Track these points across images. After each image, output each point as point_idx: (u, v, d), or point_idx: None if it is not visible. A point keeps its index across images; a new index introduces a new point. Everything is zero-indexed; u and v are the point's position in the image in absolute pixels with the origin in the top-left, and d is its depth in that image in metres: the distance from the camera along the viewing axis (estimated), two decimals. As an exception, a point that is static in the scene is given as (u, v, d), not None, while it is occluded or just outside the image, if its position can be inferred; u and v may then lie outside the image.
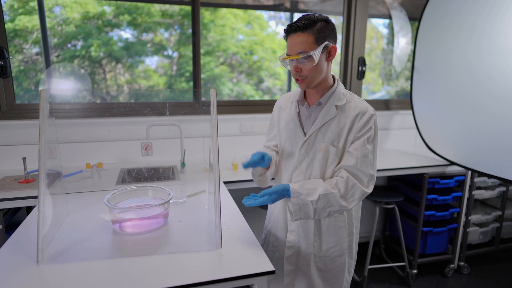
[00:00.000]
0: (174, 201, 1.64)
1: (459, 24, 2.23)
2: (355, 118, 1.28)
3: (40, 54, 2.56)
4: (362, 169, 1.26)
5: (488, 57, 2.04)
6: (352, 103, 1.31)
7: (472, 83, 2.16)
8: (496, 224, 2.85)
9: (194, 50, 2.59)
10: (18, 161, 2.09)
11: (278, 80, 3.56)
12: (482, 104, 2.10)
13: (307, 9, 2.98)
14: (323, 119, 1.30)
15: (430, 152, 2.68)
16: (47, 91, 1.19)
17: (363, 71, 2.97)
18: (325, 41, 1.20)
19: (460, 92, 2.26)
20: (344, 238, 1.40)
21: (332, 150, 1.29)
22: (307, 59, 1.20)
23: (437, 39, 2.43)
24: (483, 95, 2.09)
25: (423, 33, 2.57)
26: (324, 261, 1.41)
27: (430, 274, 2.73)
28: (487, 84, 2.06)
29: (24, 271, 1.05)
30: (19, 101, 2.33)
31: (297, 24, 1.19)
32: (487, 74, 2.05)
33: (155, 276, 1.04)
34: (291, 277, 1.44)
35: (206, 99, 2.74)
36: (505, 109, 1.95)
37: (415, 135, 3.18)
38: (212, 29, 3.07)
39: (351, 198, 1.25)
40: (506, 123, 1.96)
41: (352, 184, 1.24)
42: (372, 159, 1.29)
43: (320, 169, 1.32)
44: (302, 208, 1.24)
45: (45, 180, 1.13)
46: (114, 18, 2.75)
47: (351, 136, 1.28)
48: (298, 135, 1.36)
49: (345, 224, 1.39)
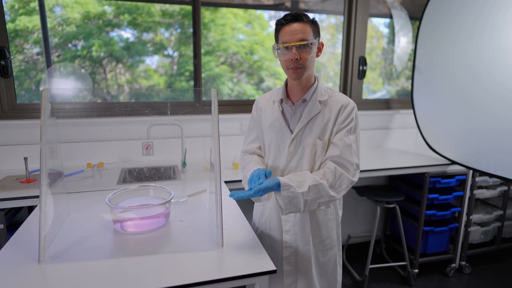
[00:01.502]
0: (175, 201, 1.64)
1: (460, 23, 2.23)
2: (338, 111, 1.33)
3: (40, 54, 2.56)
4: (347, 158, 1.30)
5: (489, 56, 2.04)
6: (334, 98, 1.36)
7: (473, 82, 2.16)
8: (497, 224, 2.85)
9: (195, 50, 2.59)
10: (20, 160, 2.09)
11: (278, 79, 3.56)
12: (483, 103, 2.10)
13: (308, 9, 2.98)
14: (308, 115, 1.33)
15: (431, 151, 2.68)
16: (49, 90, 1.19)
17: (364, 71, 2.97)
18: (318, 36, 1.29)
19: (461, 91, 2.26)
20: (333, 230, 1.45)
21: (319, 143, 1.33)
22: (308, 47, 1.24)
23: (438, 38, 2.42)
24: (484, 94, 2.08)
25: (424, 32, 2.56)
26: (318, 255, 1.44)
27: (431, 273, 2.73)
28: (487, 83, 2.06)
29: (26, 271, 1.05)
30: (20, 101, 2.33)
31: (298, 13, 1.24)
32: (487, 73, 2.05)
33: (157, 276, 1.04)
34: (292, 277, 1.44)
35: (207, 98, 2.74)
36: (506, 108, 1.95)
37: (416, 135, 3.18)
38: (212, 29, 3.07)
39: (339, 187, 1.28)
40: (506, 122, 1.96)
41: (339, 174, 1.27)
42: (356, 149, 1.34)
43: (309, 163, 1.34)
44: (292, 201, 1.23)
45: (47, 179, 1.13)
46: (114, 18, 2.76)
47: (335, 128, 1.33)
48: (285, 133, 1.37)
49: (333, 216, 1.44)
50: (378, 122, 3.08)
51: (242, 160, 1.51)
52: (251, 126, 1.53)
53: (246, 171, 1.41)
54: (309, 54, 1.25)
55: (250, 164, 1.41)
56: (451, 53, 2.31)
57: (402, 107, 3.16)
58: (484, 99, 2.09)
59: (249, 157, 1.49)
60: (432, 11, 2.49)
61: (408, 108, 3.13)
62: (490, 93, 2.04)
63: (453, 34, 2.30)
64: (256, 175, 1.27)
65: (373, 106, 3.07)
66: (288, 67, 1.28)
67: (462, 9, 2.21)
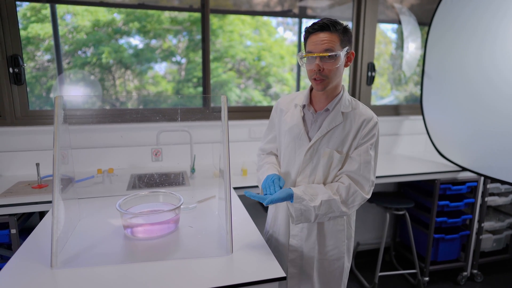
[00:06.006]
0: (185, 207, 1.64)
1: (472, 28, 2.22)
2: (360, 125, 1.30)
3: (51, 61, 2.61)
4: (364, 175, 1.28)
5: (503, 60, 2.02)
6: (357, 110, 1.32)
7: (486, 86, 2.14)
8: (510, 231, 2.80)
9: (204, 56, 2.61)
10: (31, 166, 2.12)
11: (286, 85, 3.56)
12: (497, 106, 2.07)
13: (316, 15, 2.99)
14: (329, 125, 1.30)
15: (441, 157, 2.65)
16: (62, 98, 1.21)
17: (372, 77, 2.96)
18: (347, 45, 1.23)
19: (473, 96, 2.23)
20: (342, 241, 1.42)
21: (336, 156, 1.30)
22: (333, 58, 1.20)
23: (449, 43, 2.41)
24: (498, 98, 2.06)
25: (434, 37, 2.55)
26: (324, 264, 1.42)
27: (442, 281, 2.68)
28: (501, 87, 2.04)
29: (39, 275, 1.06)
30: (31, 108, 2.37)
31: (326, 23, 1.19)
32: (501, 77, 2.03)
33: (166, 282, 1.04)
34: (294, 280, 1.45)
35: (214, 104, 2.75)
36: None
37: (426, 141, 3.14)
38: (220, 35, 3.10)
39: (351, 204, 1.27)
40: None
41: (353, 190, 1.26)
42: (374, 166, 1.32)
43: (323, 173, 1.33)
44: (304, 213, 1.25)
45: (59, 185, 1.14)
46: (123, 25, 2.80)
47: (355, 142, 1.30)
48: (303, 140, 1.35)
49: (344, 227, 1.41)
50: (387, 128, 3.06)
51: (259, 159, 1.54)
52: (270, 126, 1.53)
53: (261, 174, 1.42)
54: (334, 65, 1.21)
55: (265, 167, 1.42)
56: (463, 58, 2.29)
57: (411, 113, 3.13)
58: (498, 102, 2.06)
59: (266, 157, 1.50)
60: (441, 16, 2.48)
61: (417, 114, 3.11)
62: (503, 96, 2.02)
63: (464, 39, 2.28)
64: (270, 181, 1.28)
65: (382, 112, 3.06)
66: (312, 77, 1.25)
67: (474, 14, 2.20)
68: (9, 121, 2.24)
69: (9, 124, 2.24)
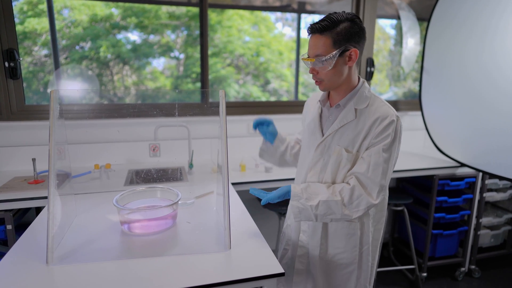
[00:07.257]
0: (182, 202, 1.64)
1: (471, 24, 2.20)
2: (373, 123, 1.20)
3: (48, 56, 2.58)
4: (372, 178, 1.19)
5: (502, 56, 2.01)
6: (373, 107, 1.23)
7: (485, 82, 2.13)
8: (507, 227, 2.81)
9: (202, 52, 2.59)
10: (28, 161, 2.10)
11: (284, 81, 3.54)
12: (496, 103, 2.07)
13: (314, 10, 2.97)
14: (340, 122, 1.26)
15: (439, 153, 2.65)
16: (57, 91, 1.19)
17: (371, 72, 2.95)
18: (344, 44, 1.15)
19: (472, 92, 2.23)
20: (354, 247, 1.33)
21: (344, 154, 1.24)
22: (322, 63, 1.16)
23: (448, 39, 2.40)
24: (497, 95, 2.05)
25: (433, 33, 2.54)
26: (331, 266, 1.37)
27: (440, 277, 2.69)
28: (501, 83, 2.03)
29: (34, 272, 1.05)
30: (28, 103, 2.35)
31: (315, 26, 1.15)
32: (501, 73, 2.02)
33: (164, 278, 1.03)
34: (300, 277, 1.43)
35: (213, 100, 2.74)
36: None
37: (424, 136, 3.14)
38: (218, 31, 3.07)
39: (355, 208, 1.20)
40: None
41: (358, 194, 1.19)
42: (386, 169, 1.20)
43: (332, 172, 1.29)
44: (302, 211, 1.23)
45: (55, 180, 1.13)
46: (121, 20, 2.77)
47: (366, 142, 1.22)
48: (317, 136, 1.33)
49: (356, 232, 1.32)
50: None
51: None
52: (302, 120, 1.54)
53: None
54: (325, 69, 1.17)
55: None
56: (462, 54, 2.28)
57: (410, 109, 3.13)
58: (497, 99, 2.05)
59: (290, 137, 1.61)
60: (441, 12, 2.46)
61: (416, 109, 3.10)
62: (503, 93, 2.01)
63: (464, 35, 2.27)
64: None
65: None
66: (313, 79, 1.25)
67: (473, 9, 2.18)
68: (5, 116, 2.22)
69: (5, 119, 2.22)
